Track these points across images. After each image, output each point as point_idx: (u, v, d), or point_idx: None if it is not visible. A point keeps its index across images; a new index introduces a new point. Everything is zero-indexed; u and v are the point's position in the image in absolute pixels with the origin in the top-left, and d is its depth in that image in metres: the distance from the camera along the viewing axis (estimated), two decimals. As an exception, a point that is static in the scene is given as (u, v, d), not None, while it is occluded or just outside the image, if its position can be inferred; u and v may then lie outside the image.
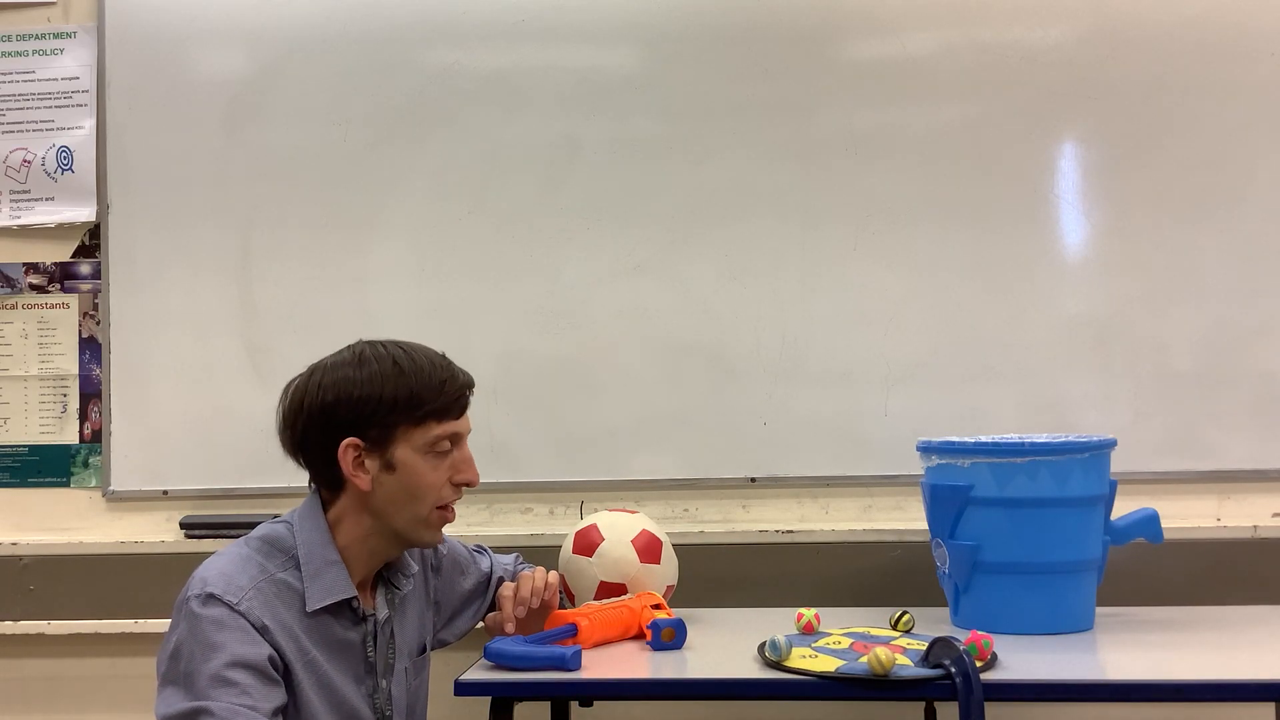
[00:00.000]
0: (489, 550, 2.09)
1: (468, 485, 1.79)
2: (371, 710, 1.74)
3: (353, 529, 1.73)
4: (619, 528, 2.10)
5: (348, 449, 1.69)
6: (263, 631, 1.60)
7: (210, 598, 1.60)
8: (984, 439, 2.06)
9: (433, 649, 1.95)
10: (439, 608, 1.95)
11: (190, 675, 1.55)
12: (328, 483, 1.74)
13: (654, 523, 2.14)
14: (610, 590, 2.04)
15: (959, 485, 1.98)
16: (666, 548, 2.12)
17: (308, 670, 1.66)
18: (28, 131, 2.62)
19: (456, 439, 1.77)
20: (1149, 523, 2.05)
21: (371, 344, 1.75)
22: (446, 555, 1.97)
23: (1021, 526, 1.95)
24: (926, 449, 2.06)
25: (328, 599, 1.68)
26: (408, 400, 1.70)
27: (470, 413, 2.46)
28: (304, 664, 1.65)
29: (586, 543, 2.08)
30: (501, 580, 2.01)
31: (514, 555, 2.13)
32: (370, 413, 1.69)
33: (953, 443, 2.03)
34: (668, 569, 2.11)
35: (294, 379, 1.77)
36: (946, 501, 1.99)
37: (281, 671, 1.61)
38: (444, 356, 1.77)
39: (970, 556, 1.97)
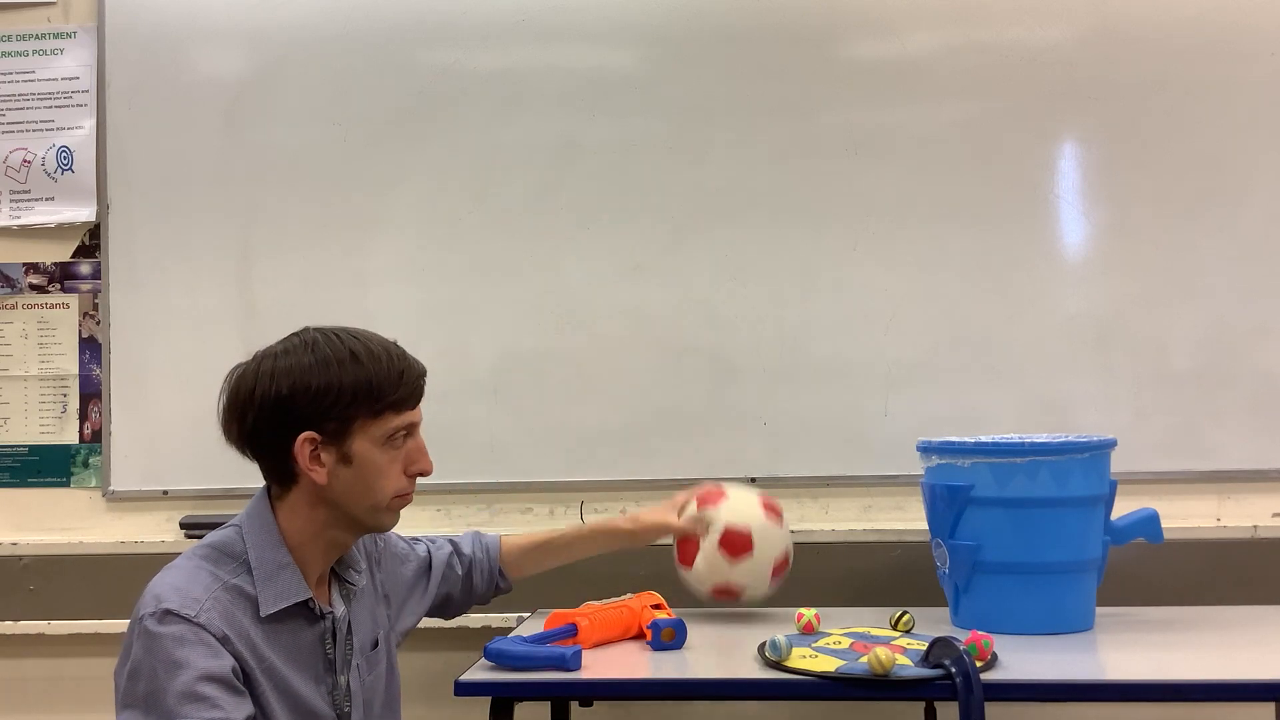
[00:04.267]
0: (428, 538, 2.05)
1: (421, 475, 1.74)
2: (331, 708, 1.70)
3: (307, 524, 1.68)
4: (743, 489, 2.14)
5: (304, 443, 1.63)
6: (224, 642, 1.56)
7: (167, 614, 1.54)
8: (984, 439, 2.06)
9: (398, 643, 1.92)
10: (389, 600, 1.91)
11: (154, 695, 1.51)
12: (279, 477, 1.68)
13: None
14: (735, 537, 2.05)
15: (959, 485, 1.98)
16: (784, 517, 2.13)
17: (267, 676, 1.61)
18: (28, 131, 2.62)
19: (412, 429, 1.71)
20: (1149, 523, 2.05)
21: (323, 333, 1.68)
22: (385, 548, 1.93)
23: (1022, 526, 1.95)
24: (926, 449, 2.06)
25: (281, 603, 1.64)
26: (367, 392, 1.64)
27: (470, 413, 2.49)
28: (263, 670, 1.61)
29: (710, 496, 2.10)
30: (450, 557, 2.01)
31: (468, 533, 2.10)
32: (329, 405, 1.62)
33: (953, 443, 2.03)
34: (787, 534, 2.12)
35: (237, 366, 1.71)
36: (946, 501, 1.99)
37: (243, 680, 1.58)
38: (397, 345, 1.71)
39: (970, 556, 1.97)
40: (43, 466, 2.60)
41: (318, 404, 1.63)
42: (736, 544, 2.05)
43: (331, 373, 1.63)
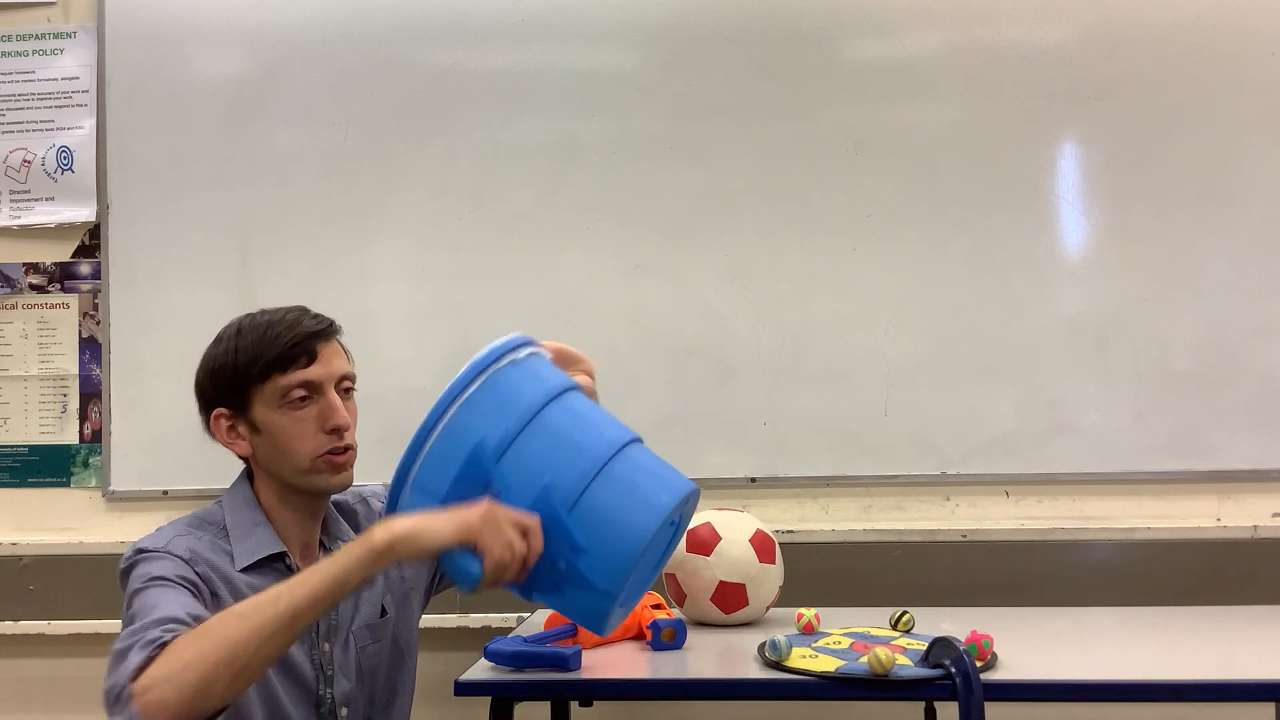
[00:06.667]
0: None
1: (338, 430, 1.73)
2: (312, 668, 1.73)
3: (267, 494, 1.76)
4: (734, 526, 2.05)
5: (217, 420, 1.74)
6: (191, 563, 1.62)
7: (139, 552, 1.62)
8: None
9: (424, 601, 1.92)
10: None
11: (132, 611, 1.57)
12: (239, 457, 1.79)
13: (762, 522, 2.11)
14: (729, 591, 2.01)
15: None
16: (777, 547, 2.08)
17: None
18: (28, 131, 2.63)
19: (311, 387, 1.71)
20: None
21: (236, 318, 1.78)
22: (376, 512, 1.93)
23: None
24: None
25: (255, 555, 1.70)
26: (249, 360, 1.72)
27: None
28: None
29: (702, 541, 2.03)
30: None
31: None
32: (223, 381, 1.73)
33: None
34: (780, 569, 2.08)
35: None
36: None
37: (212, 607, 1.59)
38: (296, 309, 1.77)
39: None
40: (43, 466, 2.60)
41: (216, 382, 1.74)
42: (731, 600, 2.02)
43: (221, 350, 1.75)
